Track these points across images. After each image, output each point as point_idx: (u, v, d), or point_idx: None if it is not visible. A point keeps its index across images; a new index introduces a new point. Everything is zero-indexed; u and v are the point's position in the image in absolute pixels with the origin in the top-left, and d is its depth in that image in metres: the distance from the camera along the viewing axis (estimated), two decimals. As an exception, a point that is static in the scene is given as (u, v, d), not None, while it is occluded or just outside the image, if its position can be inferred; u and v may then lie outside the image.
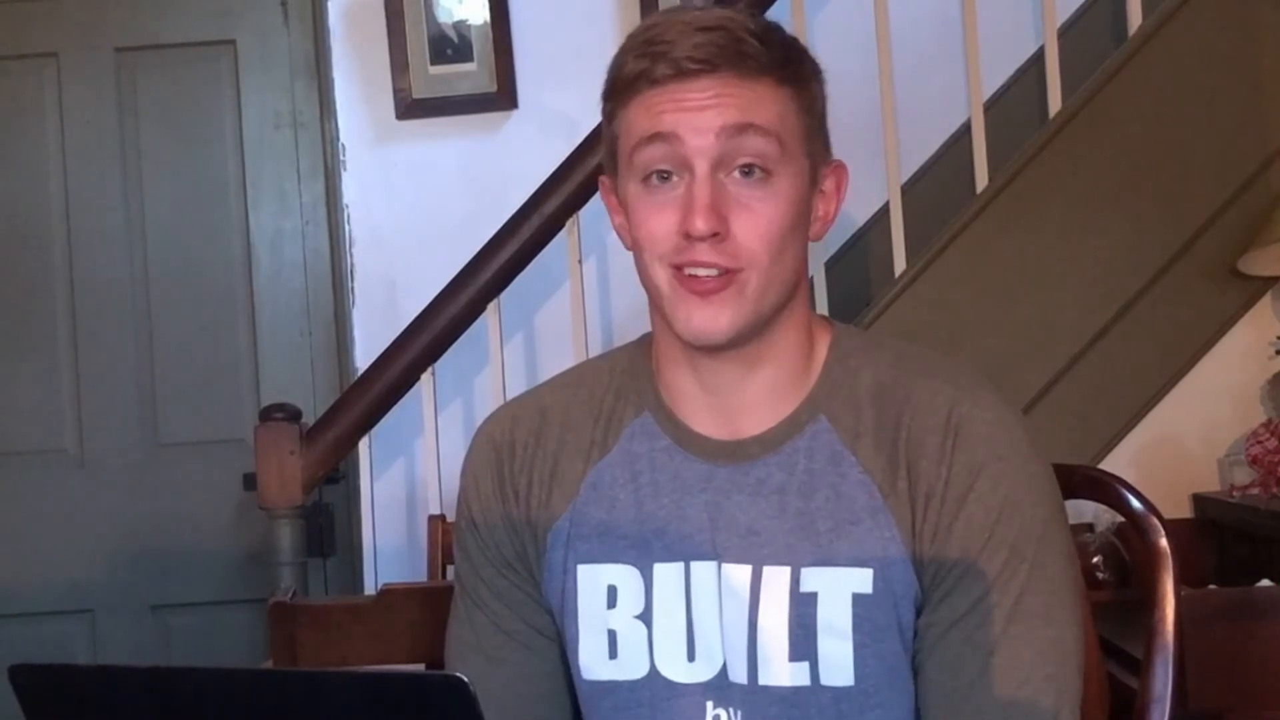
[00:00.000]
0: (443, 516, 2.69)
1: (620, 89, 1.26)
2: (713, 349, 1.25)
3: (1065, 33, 2.94)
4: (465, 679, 0.85)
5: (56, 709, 0.92)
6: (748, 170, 1.22)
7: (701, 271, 1.22)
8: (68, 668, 0.94)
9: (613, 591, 1.29)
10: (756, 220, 1.22)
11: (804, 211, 1.26)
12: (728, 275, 1.21)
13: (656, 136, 1.22)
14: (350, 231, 3.19)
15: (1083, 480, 1.51)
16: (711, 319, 1.22)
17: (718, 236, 1.20)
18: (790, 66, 1.25)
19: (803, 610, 1.24)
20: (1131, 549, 2.52)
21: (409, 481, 3.14)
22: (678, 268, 1.22)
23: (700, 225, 1.20)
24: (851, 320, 2.79)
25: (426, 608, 1.68)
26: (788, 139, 1.23)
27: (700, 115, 1.21)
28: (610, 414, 1.34)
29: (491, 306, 2.78)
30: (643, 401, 1.33)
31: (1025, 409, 2.71)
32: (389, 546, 3.05)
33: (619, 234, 1.31)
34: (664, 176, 1.23)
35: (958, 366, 1.31)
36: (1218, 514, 2.73)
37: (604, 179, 1.33)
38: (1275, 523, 2.51)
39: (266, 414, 2.70)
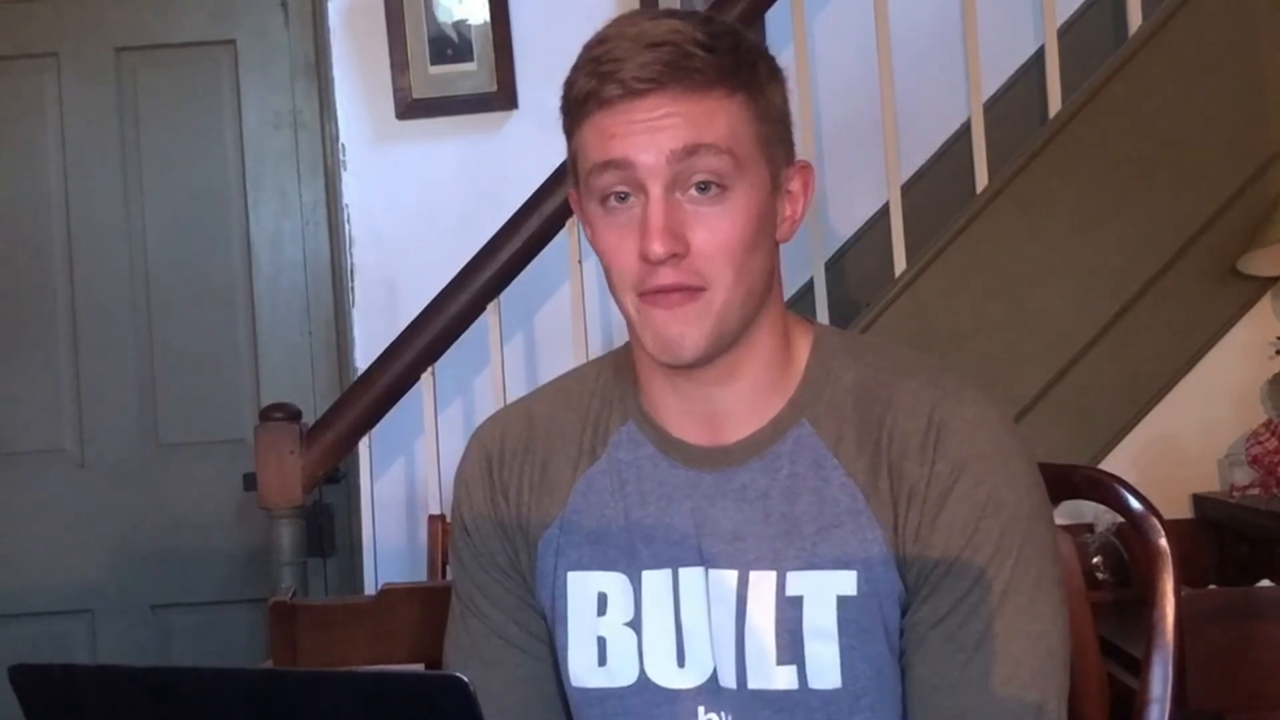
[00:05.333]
0: (443, 516, 2.69)
1: (573, 109, 1.25)
2: (683, 366, 1.25)
3: (1065, 33, 2.94)
4: (465, 679, 0.85)
5: (56, 709, 0.92)
6: (704, 186, 1.21)
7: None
8: (68, 668, 0.94)
9: (603, 599, 1.30)
10: (715, 235, 1.21)
11: (767, 219, 1.25)
12: (691, 291, 1.21)
13: (609, 164, 1.22)
14: (350, 231, 3.19)
15: (1083, 480, 1.51)
16: (678, 338, 1.22)
17: (677, 257, 1.20)
18: (741, 73, 1.23)
19: (789, 614, 1.24)
20: (1131, 549, 2.52)
21: (409, 481, 3.14)
22: (643, 294, 1.23)
23: (657, 249, 1.19)
24: (851, 321, 2.80)
25: (426, 608, 1.69)
26: (741, 151, 1.22)
27: (651, 138, 1.20)
28: (596, 422, 1.34)
29: (491, 306, 2.78)
30: (626, 410, 1.33)
31: (1025, 409, 2.71)
32: (389, 546, 3.05)
33: (592, 246, 1.30)
34: (621, 197, 1.23)
35: (939, 366, 1.31)
36: (1218, 514, 2.73)
37: (572, 192, 1.32)
38: (1275, 523, 2.51)
39: (266, 414, 2.71)
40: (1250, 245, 2.73)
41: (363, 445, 2.79)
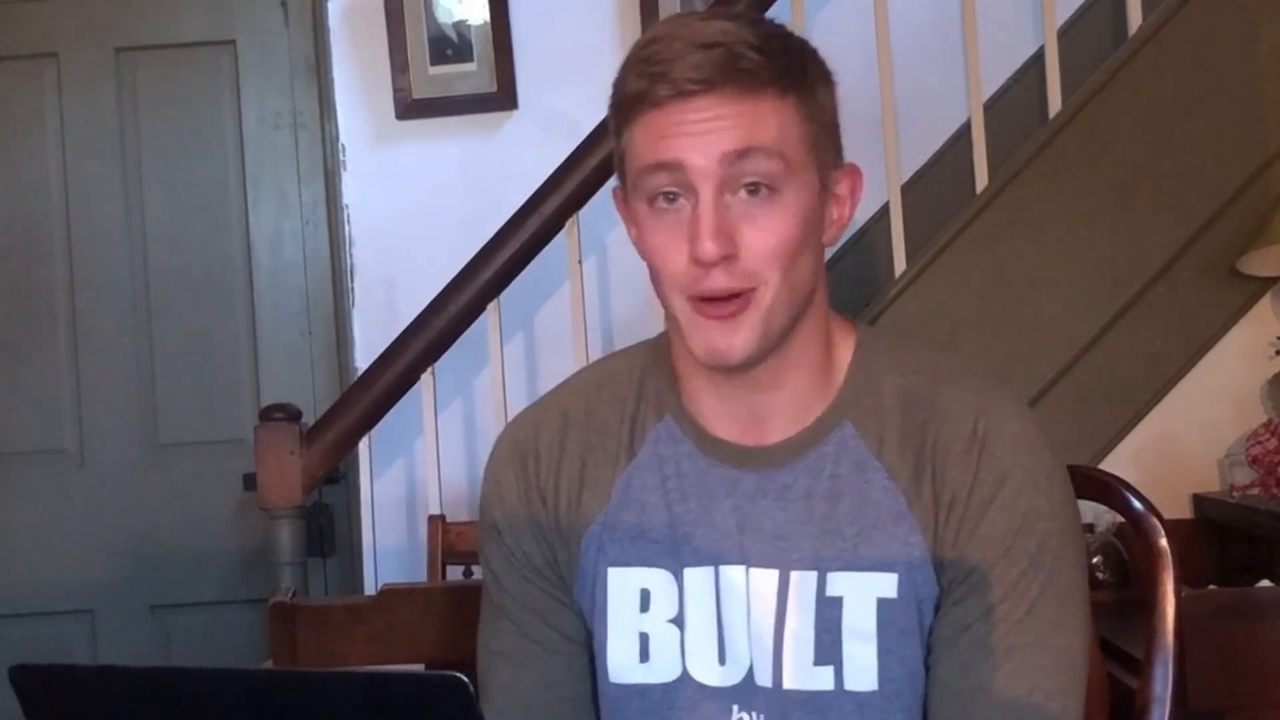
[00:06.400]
0: (443, 516, 2.69)
1: (624, 108, 1.24)
2: (729, 370, 1.25)
3: (1065, 33, 2.94)
4: (464, 679, 0.85)
5: (56, 709, 0.92)
6: (754, 188, 1.21)
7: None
8: (68, 668, 0.94)
9: (645, 595, 1.30)
10: (766, 237, 1.20)
11: (815, 221, 1.25)
12: (743, 296, 1.21)
13: (661, 165, 1.21)
14: (350, 231, 3.19)
15: (1083, 480, 1.50)
16: (726, 343, 1.21)
17: (728, 259, 1.20)
18: (793, 75, 1.23)
19: (829, 614, 1.24)
20: (1131, 549, 2.52)
21: (409, 481, 3.14)
22: (694, 297, 1.22)
23: (710, 249, 1.19)
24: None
25: (426, 608, 1.69)
26: (792, 153, 1.22)
27: (702, 139, 1.19)
28: (634, 417, 1.33)
29: (491, 306, 2.78)
30: (663, 405, 1.33)
31: (1025, 409, 2.71)
32: (389, 546, 3.05)
33: (635, 245, 1.29)
34: (670, 198, 1.22)
35: (982, 375, 1.31)
36: (1218, 514, 2.73)
37: (616, 191, 1.31)
38: (1275, 523, 2.51)
39: (266, 414, 2.70)
40: (1250, 245, 2.73)
41: (363, 445, 2.79)
